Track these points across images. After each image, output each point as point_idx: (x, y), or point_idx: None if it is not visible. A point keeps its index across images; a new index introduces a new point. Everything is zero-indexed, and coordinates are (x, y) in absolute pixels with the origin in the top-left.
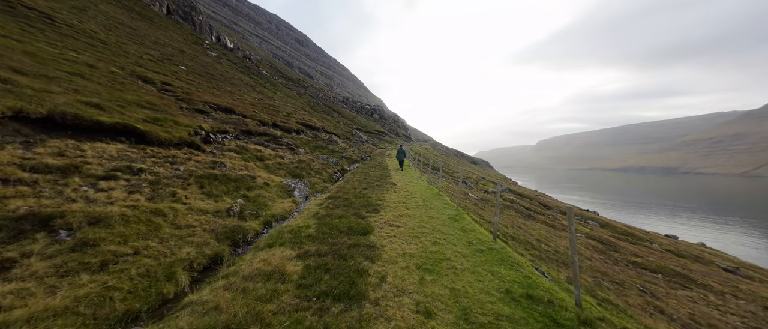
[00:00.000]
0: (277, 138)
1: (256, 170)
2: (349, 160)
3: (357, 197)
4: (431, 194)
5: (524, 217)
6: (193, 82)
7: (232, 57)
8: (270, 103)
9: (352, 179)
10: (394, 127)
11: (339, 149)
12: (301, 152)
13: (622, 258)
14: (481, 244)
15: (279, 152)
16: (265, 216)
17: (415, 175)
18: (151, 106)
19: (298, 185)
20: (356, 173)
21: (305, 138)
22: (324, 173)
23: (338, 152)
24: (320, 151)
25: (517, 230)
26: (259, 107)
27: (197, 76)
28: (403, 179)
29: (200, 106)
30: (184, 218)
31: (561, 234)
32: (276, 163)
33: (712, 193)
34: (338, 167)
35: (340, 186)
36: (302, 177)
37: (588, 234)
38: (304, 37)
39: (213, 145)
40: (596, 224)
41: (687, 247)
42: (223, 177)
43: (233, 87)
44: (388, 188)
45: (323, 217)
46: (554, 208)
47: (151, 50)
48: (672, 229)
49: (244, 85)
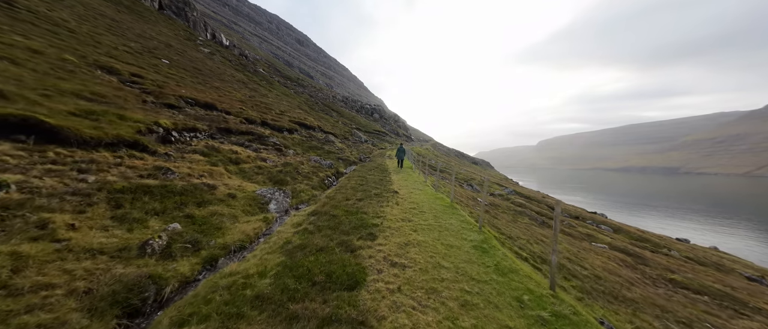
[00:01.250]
0: (263, 137)
1: (223, 177)
2: (346, 161)
3: (348, 213)
4: (442, 206)
5: (539, 224)
6: (174, 76)
7: (226, 54)
8: (263, 100)
9: (346, 186)
10: (395, 127)
11: (335, 149)
12: (290, 154)
13: (657, 274)
14: (538, 303)
15: (262, 153)
16: (213, 248)
17: (419, 179)
18: (96, 97)
19: (276, 195)
20: (352, 178)
21: (298, 138)
22: (314, 178)
23: (334, 153)
24: (314, 151)
25: (544, 246)
26: (248, 104)
27: (182, 70)
28: (406, 184)
29: (172, 100)
30: (42, 269)
31: (584, 246)
32: (255, 167)
33: (715, 194)
34: (332, 170)
35: (330, 196)
36: (285, 184)
37: (611, 245)
38: (304, 37)
39: (173, 145)
40: (609, 228)
41: (705, 253)
42: (162, 190)
43: (222, 83)
44: (388, 198)
45: (295, 250)
46: (564, 211)
47: (132, 43)
48: (680, 231)
49: (236, 81)
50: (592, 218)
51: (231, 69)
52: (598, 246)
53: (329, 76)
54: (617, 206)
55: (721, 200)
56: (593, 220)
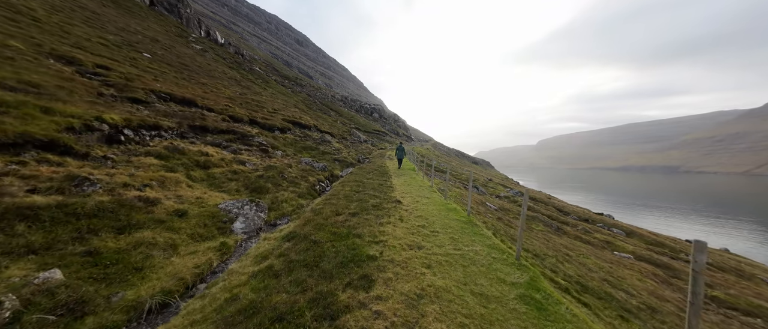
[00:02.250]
0: (247, 137)
1: (179, 187)
2: (343, 163)
3: (336, 236)
4: (457, 221)
5: (554, 231)
6: (154, 70)
7: (221, 52)
8: (255, 98)
9: (339, 193)
10: (395, 127)
11: (331, 150)
12: (278, 155)
13: None
14: None
15: (242, 155)
16: (112, 309)
17: (423, 183)
18: (24, 87)
19: (246, 209)
20: (348, 182)
21: (291, 137)
22: (302, 183)
23: (330, 154)
24: (307, 152)
25: (578, 267)
26: (237, 102)
27: (165, 65)
28: (410, 189)
29: (139, 94)
30: None
31: (610, 258)
32: (229, 171)
33: (715, 193)
34: (326, 172)
35: (317, 208)
36: (264, 193)
37: (634, 254)
38: (303, 38)
39: (122, 146)
40: (621, 232)
41: (721, 257)
42: (59, 212)
43: (211, 80)
44: (389, 211)
45: (239, 318)
46: (572, 213)
47: (110, 35)
48: (685, 232)
49: (228, 79)
50: (603, 221)
51: (224, 66)
52: (622, 257)
53: (328, 77)
54: (619, 207)
55: (721, 200)
56: (603, 222)
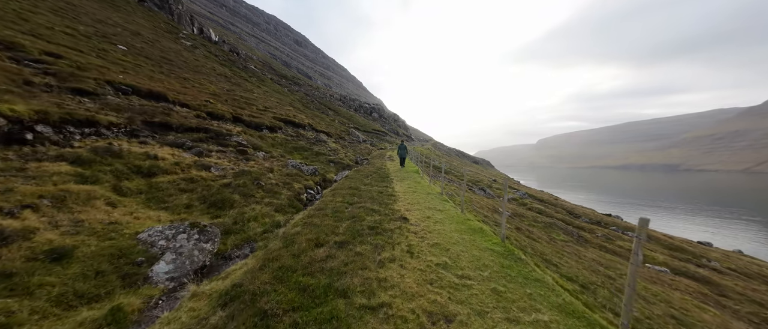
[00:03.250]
0: (223, 136)
1: (87, 206)
2: (339, 165)
3: (307, 295)
4: (493, 252)
5: (576, 241)
6: (125, 63)
7: (213, 49)
8: (245, 95)
9: (328, 206)
10: (394, 126)
11: (327, 150)
12: (259, 157)
13: (749, 312)
14: None
15: (210, 157)
16: None
17: (431, 190)
18: None
19: (180, 239)
20: (341, 190)
21: (282, 137)
22: (283, 193)
23: (325, 155)
24: (299, 153)
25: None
26: (222, 98)
27: (142, 58)
28: (416, 198)
29: (89, 85)
30: None
31: (652, 276)
32: (183, 179)
33: (717, 190)
34: (317, 177)
35: (291, 234)
36: (226, 208)
37: (670, 267)
38: (302, 38)
39: (26, 147)
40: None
41: (742, 261)
42: None
43: (195, 75)
44: (393, 236)
45: None
46: (582, 215)
47: (81, 26)
48: (695, 233)
49: (217, 75)
50: (615, 224)
51: (215, 63)
52: (658, 271)
53: (328, 77)
54: (623, 207)
55: (724, 198)
56: (616, 225)
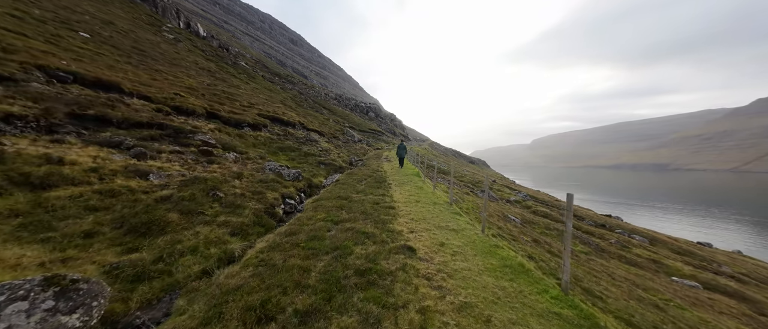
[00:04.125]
0: (183, 134)
1: None
2: (331, 167)
3: None
4: (564, 322)
5: (597, 252)
6: (82, 50)
7: (200, 44)
8: (229, 90)
9: (303, 229)
10: (391, 126)
11: (317, 151)
12: (229, 158)
13: None
14: None
15: (154, 161)
16: None
17: (437, 198)
18: None
19: (18, 317)
20: (326, 201)
21: (266, 136)
22: (248, 206)
23: (314, 156)
24: (285, 154)
25: None
26: (199, 92)
27: (108, 47)
28: (421, 210)
29: (10, 69)
30: None
31: (684, 293)
32: (96, 193)
33: (707, 190)
34: (301, 183)
35: (229, 287)
36: (154, 235)
37: (701, 281)
38: (298, 37)
39: None
40: (643, 239)
41: (747, 265)
42: None
43: (173, 68)
44: (394, 290)
45: None
46: (587, 218)
47: (36, 10)
48: (690, 233)
49: (200, 69)
50: (620, 226)
51: (199, 57)
52: (686, 285)
53: (324, 76)
54: (619, 207)
55: (713, 197)
56: (621, 228)
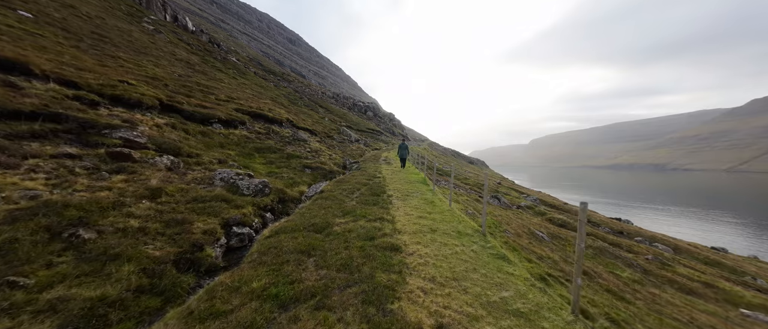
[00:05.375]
0: (94, 128)
1: None
2: (318, 172)
3: None
4: None
5: (641, 273)
6: (6, 29)
7: (186, 38)
8: (208, 83)
9: (232, 317)
10: (390, 126)
11: (304, 152)
12: (157, 166)
13: None
14: None
15: None
16: None
17: (461, 219)
18: None
19: None
20: (285, 241)
21: (241, 134)
22: (131, 259)
23: (299, 159)
24: (261, 156)
25: None
26: (163, 82)
27: (55, 29)
28: (439, 247)
29: None
30: None
31: None
32: None
33: (706, 190)
34: (267, 199)
35: None
36: None
37: None
38: (296, 37)
39: None
40: (668, 248)
41: None
42: None
43: (139, 56)
44: None
45: None
46: (602, 224)
47: None
48: (699, 236)
49: (177, 60)
50: (638, 233)
51: (180, 50)
52: (760, 320)
53: (322, 76)
54: (621, 208)
55: (712, 197)
56: (640, 235)
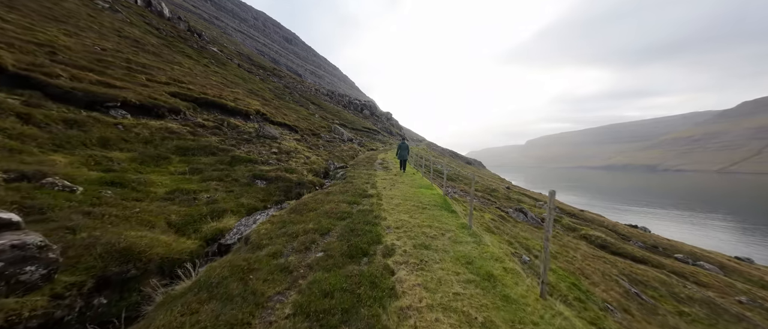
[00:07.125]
0: None
1: None
2: (276, 186)
3: None
4: None
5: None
6: None
7: (158, 23)
8: (154, 64)
9: None
10: (388, 125)
11: (265, 155)
12: None
13: None
14: None
15: None
16: None
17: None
18: None
19: None
20: None
21: (159, 127)
22: None
23: (250, 164)
24: (178, 161)
25: None
26: (68, 54)
27: None
28: None
29: None
30: None
31: None
32: None
33: (704, 191)
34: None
35: None
36: None
37: None
38: (292, 36)
39: None
40: (716, 268)
41: None
42: None
43: (57, 25)
44: None
45: None
46: (632, 238)
47: None
48: (700, 238)
49: (121, 38)
50: (677, 249)
51: (134, 29)
52: None
53: (319, 75)
54: (625, 212)
55: (711, 197)
56: (679, 251)
